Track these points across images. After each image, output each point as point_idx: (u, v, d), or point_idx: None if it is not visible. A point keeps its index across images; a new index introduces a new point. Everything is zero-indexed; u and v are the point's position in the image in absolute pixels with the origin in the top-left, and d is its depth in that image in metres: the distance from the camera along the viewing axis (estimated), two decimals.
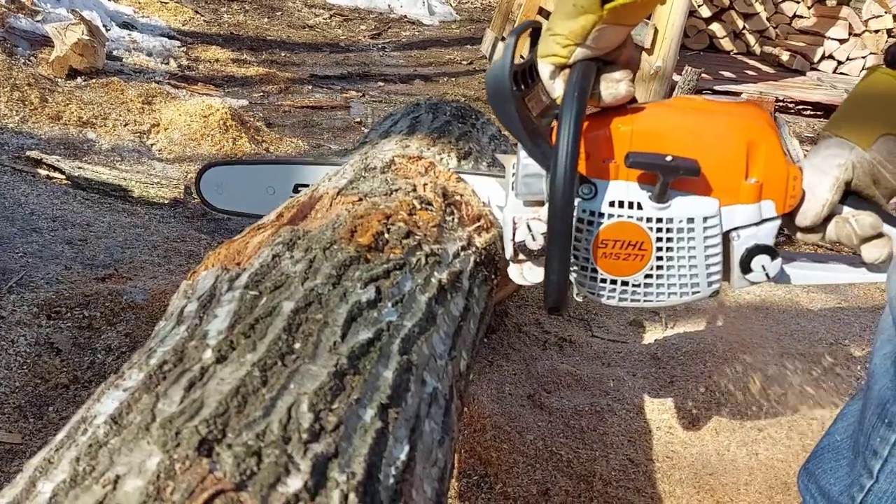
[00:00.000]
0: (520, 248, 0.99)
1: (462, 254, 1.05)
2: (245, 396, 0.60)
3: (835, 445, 0.93)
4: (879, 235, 0.96)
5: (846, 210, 0.97)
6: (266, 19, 6.61)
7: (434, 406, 0.77)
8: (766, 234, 0.96)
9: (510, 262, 1.04)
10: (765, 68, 5.83)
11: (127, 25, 4.99)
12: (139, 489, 0.50)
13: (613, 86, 0.92)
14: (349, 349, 0.71)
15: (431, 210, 1.07)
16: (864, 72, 1.00)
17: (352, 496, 0.56)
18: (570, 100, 0.85)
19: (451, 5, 8.45)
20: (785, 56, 5.94)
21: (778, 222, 0.97)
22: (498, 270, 1.18)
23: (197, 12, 6.10)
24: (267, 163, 2.20)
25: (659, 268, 0.95)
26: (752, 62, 6.02)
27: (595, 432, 1.57)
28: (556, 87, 0.92)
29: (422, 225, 1.02)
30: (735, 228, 0.96)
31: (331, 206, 1.00)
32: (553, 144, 0.85)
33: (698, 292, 0.98)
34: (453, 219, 1.11)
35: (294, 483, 0.54)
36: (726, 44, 6.29)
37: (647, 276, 0.96)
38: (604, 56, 0.91)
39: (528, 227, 0.97)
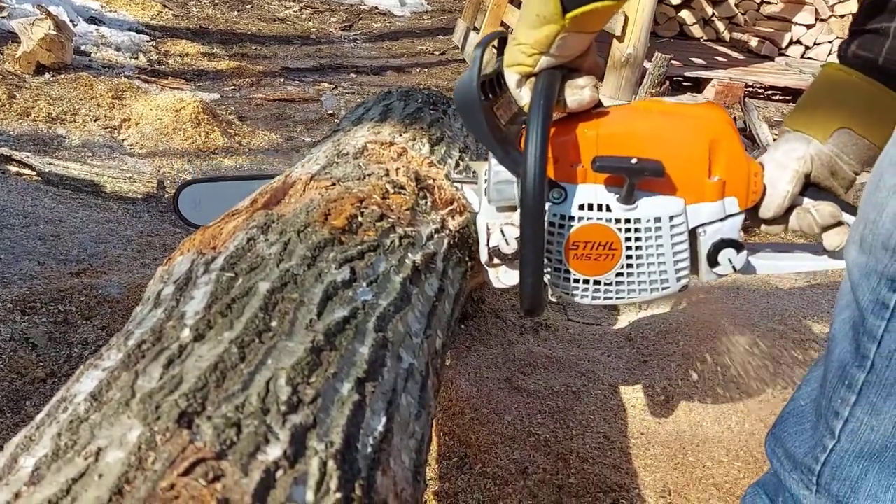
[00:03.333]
0: (494, 252, 1.01)
1: (436, 236, 1.07)
2: (223, 372, 0.62)
3: (799, 410, 0.96)
4: (839, 224, 1.00)
5: (807, 201, 1.01)
6: (236, 13, 6.56)
7: (410, 381, 0.79)
8: (731, 229, 1.00)
9: (487, 267, 1.07)
10: (734, 54, 5.91)
11: (94, 20, 4.93)
12: (121, 460, 0.51)
13: (578, 92, 0.94)
14: (325, 326, 0.72)
15: (404, 194, 1.09)
16: (820, 68, 1.04)
17: (330, 463, 0.57)
18: (537, 107, 0.87)
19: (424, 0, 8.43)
20: (754, 42, 6.02)
21: (742, 217, 1.00)
22: (472, 254, 1.20)
23: (165, 6, 6.04)
24: (245, 178, 2.20)
25: (629, 266, 0.98)
26: (721, 48, 6.09)
27: (571, 412, 1.60)
28: (523, 96, 0.94)
29: (395, 208, 1.03)
30: (701, 225, 0.99)
31: (304, 191, 1.01)
32: (522, 152, 0.87)
33: (668, 288, 1.01)
34: (426, 202, 1.12)
35: (273, 451, 0.55)
36: (696, 30, 6.36)
37: (619, 274, 0.99)
38: (568, 64, 0.94)
39: (502, 232, 1.00)
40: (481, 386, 1.67)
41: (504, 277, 1.06)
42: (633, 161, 0.91)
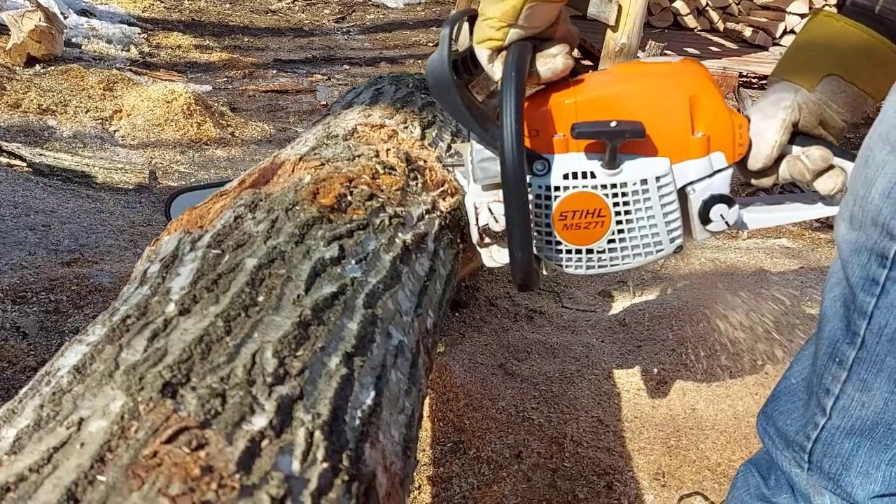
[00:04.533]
0: (484, 231, 1.01)
1: (427, 217, 1.06)
2: (209, 345, 0.61)
3: (790, 389, 0.95)
4: (831, 168, 0.97)
5: (795, 149, 0.98)
6: (228, 5, 6.53)
7: (400, 358, 0.78)
8: (721, 184, 0.98)
9: (478, 247, 1.06)
10: (728, 44, 5.90)
11: (85, 13, 4.89)
12: (103, 429, 0.50)
13: (550, 60, 0.93)
14: (313, 301, 0.72)
15: (394, 174, 1.08)
16: (809, 15, 1.02)
17: (318, 434, 0.57)
18: (509, 79, 0.86)
19: None
20: (748, 32, 6.01)
21: (730, 171, 0.99)
22: (464, 236, 1.19)
23: None
24: None
25: (620, 231, 0.97)
26: (715, 38, 6.08)
27: (565, 396, 1.60)
28: (496, 71, 0.93)
29: (385, 188, 1.03)
30: (689, 183, 0.98)
31: (293, 171, 1.00)
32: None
33: (662, 249, 1.00)
34: (417, 183, 1.11)
35: (259, 421, 0.54)
36: (690, 21, 6.35)
37: (610, 241, 0.98)
38: (539, 35, 0.92)
39: (490, 210, 0.99)
40: (475, 372, 1.67)
41: (497, 256, 1.05)
42: (613, 124, 0.90)
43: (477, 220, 1.00)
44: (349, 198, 0.94)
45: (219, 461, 0.49)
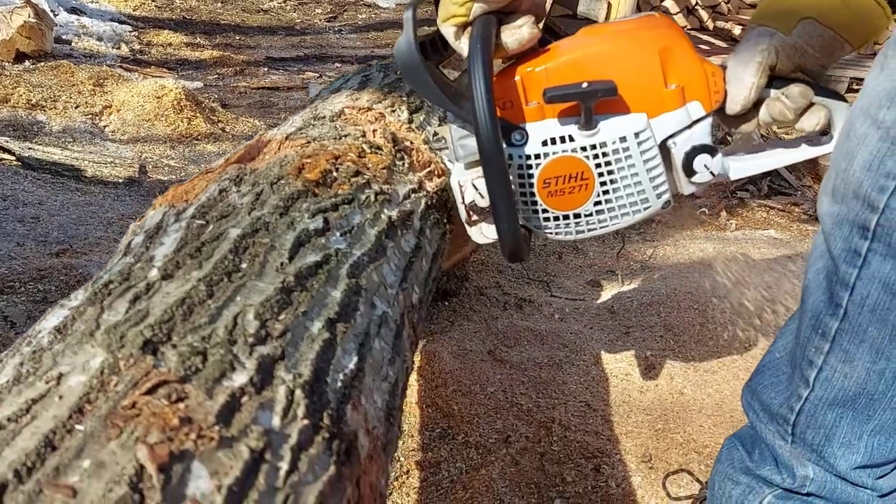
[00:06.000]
0: (471, 208, 1.01)
1: (413, 196, 1.06)
2: (191, 307, 0.61)
3: (774, 362, 0.96)
4: (812, 105, 0.97)
5: (774, 92, 0.97)
6: (219, 4, 6.52)
7: (384, 328, 0.79)
8: (701, 135, 0.98)
9: (468, 226, 1.07)
10: (718, 42, 5.92)
11: (75, 10, 4.88)
12: (82, 383, 0.50)
13: (516, 31, 0.93)
14: (296, 269, 0.72)
15: (381, 154, 1.08)
16: None
17: (298, 392, 0.57)
18: (475, 52, 0.86)
19: None
20: (737, 30, 6.03)
21: (710, 120, 0.98)
22: (451, 217, 1.20)
23: None
24: None
25: (605, 192, 0.97)
26: (705, 37, 6.11)
27: (554, 382, 1.60)
28: (463, 47, 0.92)
29: (371, 167, 1.03)
30: (669, 137, 0.97)
31: (279, 149, 1.00)
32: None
33: (649, 206, 1.00)
34: (403, 164, 1.12)
35: (239, 378, 0.55)
36: (680, 20, 6.36)
37: (597, 203, 0.98)
38: (504, 8, 0.92)
39: (475, 186, 0.99)
40: (464, 358, 1.67)
41: (487, 231, 1.05)
42: (584, 85, 0.90)
43: (463, 198, 1.01)
44: (334, 174, 0.95)
45: (198, 413, 0.50)
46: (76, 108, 3.17)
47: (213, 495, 0.45)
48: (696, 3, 6.37)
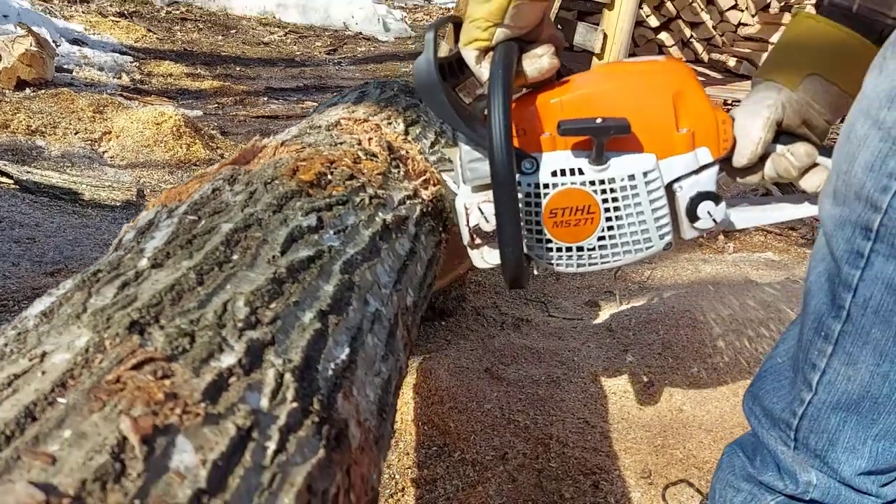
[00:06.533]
0: (475, 231, 1.01)
1: (408, 202, 1.06)
2: (180, 293, 0.60)
3: (776, 367, 0.95)
4: (816, 165, 0.98)
5: (780, 147, 0.99)
6: (220, 37, 6.60)
7: (377, 325, 0.78)
8: (707, 181, 0.99)
9: (469, 249, 1.07)
10: (713, 74, 5.99)
11: (78, 42, 4.94)
12: (67, 360, 0.49)
13: (536, 60, 0.95)
14: (288, 262, 0.71)
15: (376, 161, 1.08)
16: (791, 17, 1.04)
17: (288, 376, 0.56)
18: (496, 78, 0.87)
19: (406, 22, 8.53)
20: (732, 62, 6.11)
21: (716, 168, 0.99)
22: (447, 226, 1.19)
23: (150, 30, 6.07)
24: None
25: (610, 228, 0.98)
26: (700, 69, 6.18)
27: (551, 399, 1.58)
28: (483, 71, 0.94)
29: (366, 172, 1.03)
30: (676, 180, 0.98)
31: (274, 153, 1.00)
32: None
33: (651, 246, 1.00)
34: (399, 171, 1.12)
35: (228, 359, 0.54)
36: (675, 52, 6.45)
37: (601, 238, 0.98)
38: (525, 36, 0.94)
39: (480, 210, 1.00)
40: (461, 376, 1.65)
41: (488, 257, 1.06)
42: (598, 121, 0.91)
43: (467, 220, 1.01)
44: (329, 176, 0.94)
45: (184, 389, 0.49)
46: (75, 134, 3.19)
47: (198, 469, 0.44)
48: (691, 36, 6.46)
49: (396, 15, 8.66)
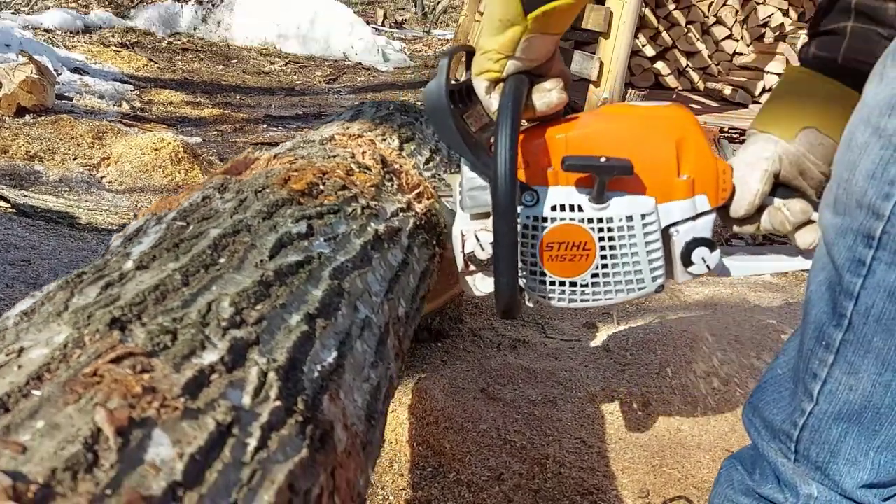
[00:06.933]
0: (470, 258, 1.02)
1: (401, 214, 1.06)
2: (164, 293, 0.60)
3: (777, 379, 0.93)
4: (811, 222, 1.00)
5: (777, 201, 1.02)
6: (221, 66, 6.67)
7: (367, 332, 0.77)
8: (704, 228, 1.00)
9: (462, 275, 1.08)
10: (709, 102, 6.03)
11: (79, 70, 4.98)
12: (44, 355, 0.48)
13: (546, 94, 0.96)
14: (277, 266, 0.70)
15: (369, 173, 1.08)
16: (783, 71, 1.07)
17: (272, 374, 0.55)
18: (505, 109, 0.89)
19: (405, 53, 8.62)
20: (728, 90, 6.16)
21: (713, 215, 1.01)
22: (440, 241, 1.19)
23: (151, 60, 6.13)
24: None
25: (604, 266, 0.98)
26: (696, 97, 6.23)
27: (548, 419, 1.56)
28: (493, 102, 0.95)
29: (359, 184, 1.03)
30: (673, 224, 1.00)
31: (266, 165, 1.00)
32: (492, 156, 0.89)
33: (644, 288, 1.01)
34: (392, 184, 1.11)
35: (210, 357, 0.53)
36: (671, 81, 6.50)
37: (594, 275, 0.99)
38: (535, 70, 0.95)
39: (477, 237, 1.01)
40: (456, 396, 1.64)
41: (480, 285, 1.07)
42: (603, 160, 0.92)
43: (463, 247, 1.02)
44: (321, 186, 0.94)
45: (163, 384, 0.48)
46: (74, 159, 3.20)
47: (174, 462, 0.43)
48: (687, 65, 6.52)
49: (396, 46, 8.76)
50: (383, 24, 11.33)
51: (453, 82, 0.97)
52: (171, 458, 0.43)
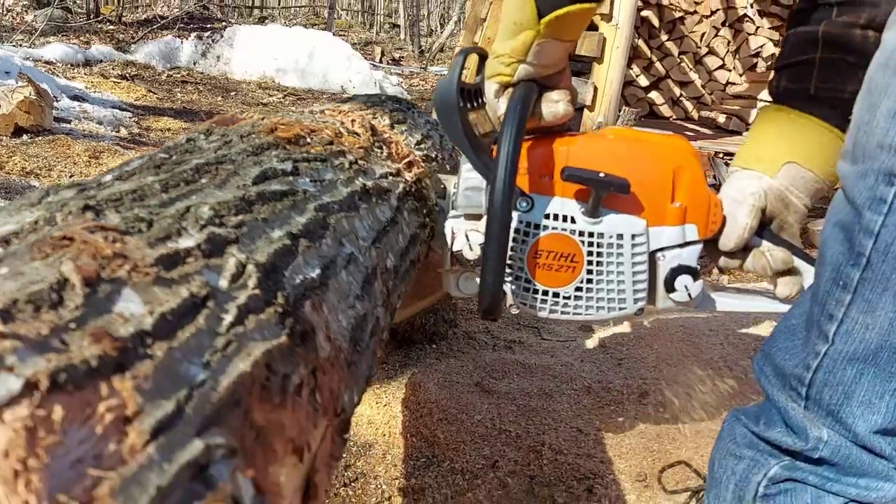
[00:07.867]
0: (456, 257, 1.03)
1: (391, 178, 1.05)
2: (142, 196, 0.58)
3: (791, 328, 0.91)
4: (790, 272, 1.04)
5: (764, 244, 1.05)
6: (220, 98, 6.73)
7: (353, 266, 0.75)
8: (690, 256, 1.02)
9: (446, 274, 1.08)
10: (703, 130, 6.09)
11: (78, 98, 5.02)
12: (10, 230, 0.47)
13: (553, 105, 0.99)
14: (259, 190, 0.69)
15: (359, 138, 1.08)
16: (758, 110, 1.11)
17: (251, 267, 0.53)
18: (512, 112, 0.90)
19: (402, 87, 8.71)
20: (721, 118, 6.22)
21: (700, 246, 1.03)
22: (431, 212, 1.18)
23: (150, 91, 6.18)
24: None
25: (589, 281, 0.99)
26: (690, 126, 6.28)
27: (544, 410, 1.54)
28: (500, 106, 0.98)
29: (347, 144, 1.02)
30: (661, 249, 1.01)
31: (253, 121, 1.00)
32: (494, 157, 0.90)
33: (624, 308, 1.02)
34: (382, 152, 1.11)
35: (186, 242, 0.51)
36: (665, 110, 6.57)
37: (578, 288, 1.00)
38: (544, 80, 0.97)
39: (467, 237, 1.02)
40: (451, 389, 1.61)
41: (463, 286, 1.08)
42: (601, 175, 0.94)
43: (452, 244, 1.03)
44: (308, 140, 0.93)
45: (135, 254, 0.46)
46: (70, 176, 3.20)
47: (144, 317, 0.41)
48: (681, 95, 6.59)
49: (393, 80, 8.86)
50: (381, 62, 11.48)
51: (466, 83, 0.99)
52: (140, 314, 0.41)
